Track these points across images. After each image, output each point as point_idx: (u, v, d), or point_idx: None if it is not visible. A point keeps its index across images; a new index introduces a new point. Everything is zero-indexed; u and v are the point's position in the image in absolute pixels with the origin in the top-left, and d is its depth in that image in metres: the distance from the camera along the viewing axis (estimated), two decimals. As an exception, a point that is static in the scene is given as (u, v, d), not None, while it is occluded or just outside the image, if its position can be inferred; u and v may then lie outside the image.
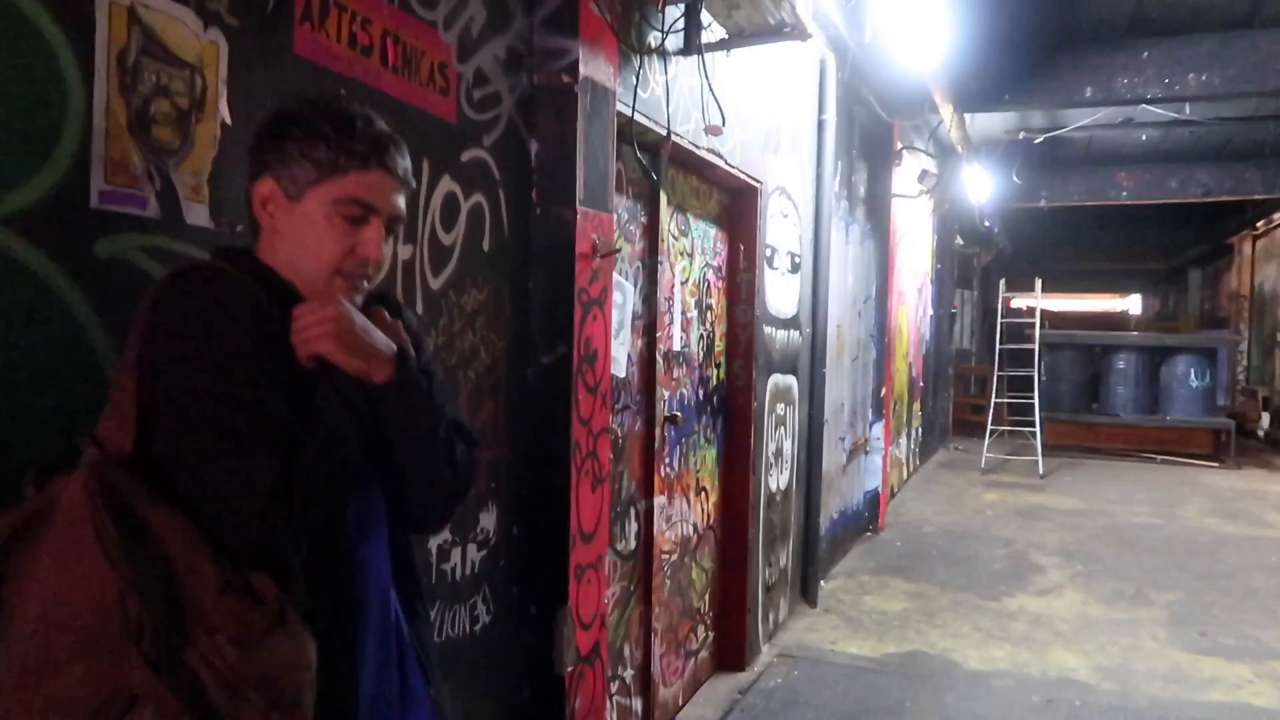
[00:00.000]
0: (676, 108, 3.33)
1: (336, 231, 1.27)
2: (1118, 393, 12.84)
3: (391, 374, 1.28)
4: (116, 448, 1.16)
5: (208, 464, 1.14)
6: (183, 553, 1.11)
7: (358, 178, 1.27)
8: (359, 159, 1.27)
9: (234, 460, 1.13)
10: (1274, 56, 6.63)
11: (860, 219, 6.76)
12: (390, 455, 1.35)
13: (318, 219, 1.27)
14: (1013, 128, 9.67)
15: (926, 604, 5.58)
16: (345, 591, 1.28)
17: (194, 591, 1.10)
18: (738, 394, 4.47)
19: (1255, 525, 8.11)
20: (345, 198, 1.27)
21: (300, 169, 1.26)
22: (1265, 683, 4.45)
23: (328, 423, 1.21)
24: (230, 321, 1.18)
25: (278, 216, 1.29)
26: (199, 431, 1.14)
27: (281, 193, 1.28)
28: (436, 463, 1.38)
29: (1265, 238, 15.40)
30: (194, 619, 1.10)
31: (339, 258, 1.28)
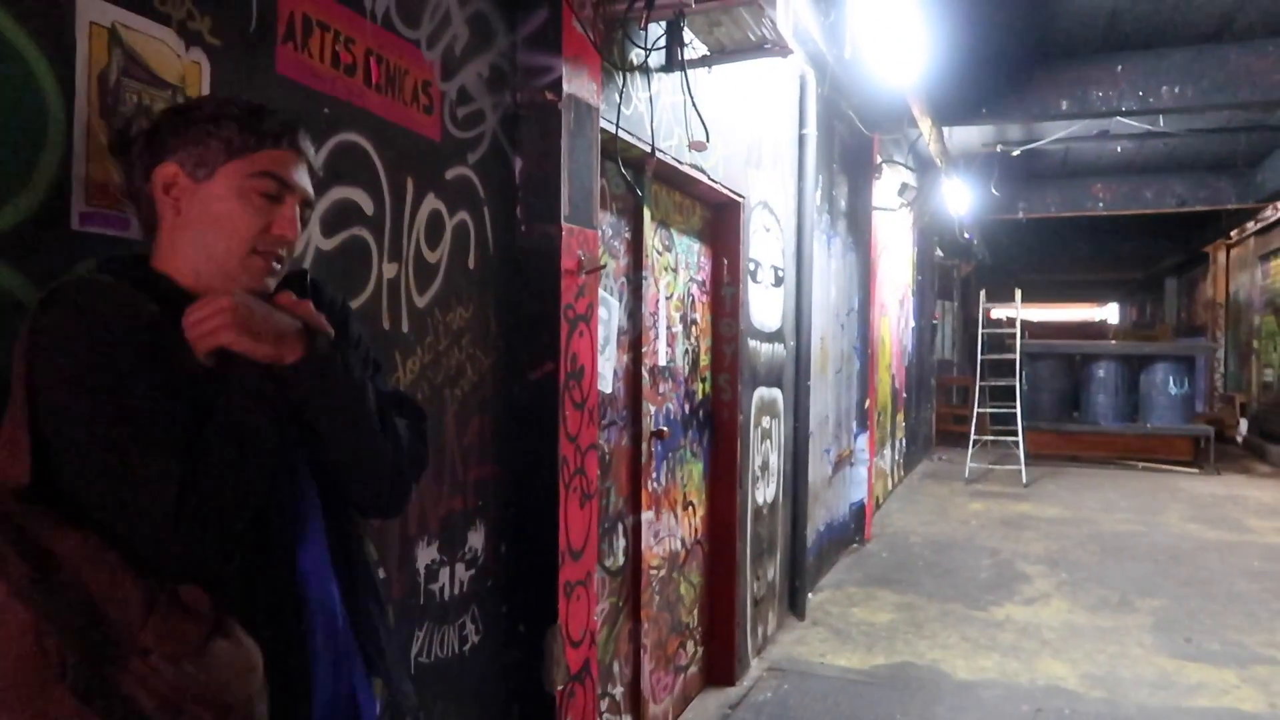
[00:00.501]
0: (659, 124, 3.35)
1: (253, 207, 1.24)
2: (1098, 401, 12.95)
3: (302, 353, 1.23)
4: (11, 479, 1.11)
5: (109, 481, 1.10)
6: (100, 577, 1.07)
7: (271, 154, 1.26)
8: (271, 138, 1.26)
9: (135, 472, 1.09)
10: (1244, 70, 6.74)
11: (842, 232, 6.79)
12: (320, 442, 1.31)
13: (231, 196, 1.24)
14: (990, 141, 9.76)
15: (914, 615, 5.58)
16: (285, 594, 1.24)
17: (120, 614, 1.07)
18: (723, 408, 4.48)
19: (1236, 531, 8.17)
20: (261, 171, 1.25)
21: (209, 149, 1.24)
22: (1251, 688, 4.47)
23: (231, 417, 1.16)
24: (109, 334, 1.13)
25: (182, 200, 1.25)
26: (96, 449, 1.10)
27: (187, 175, 1.24)
28: (369, 438, 1.32)
29: (1239, 247, 15.60)
30: (125, 642, 1.06)
31: (256, 234, 1.24)
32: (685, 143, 3.56)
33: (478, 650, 2.43)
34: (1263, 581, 6.42)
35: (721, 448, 4.49)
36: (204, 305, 1.18)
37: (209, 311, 1.17)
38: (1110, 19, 6.28)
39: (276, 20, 1.76)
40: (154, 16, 1.52)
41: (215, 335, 1.17)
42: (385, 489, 1.40)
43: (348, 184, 1.96)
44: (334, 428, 1.30)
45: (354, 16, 1.97)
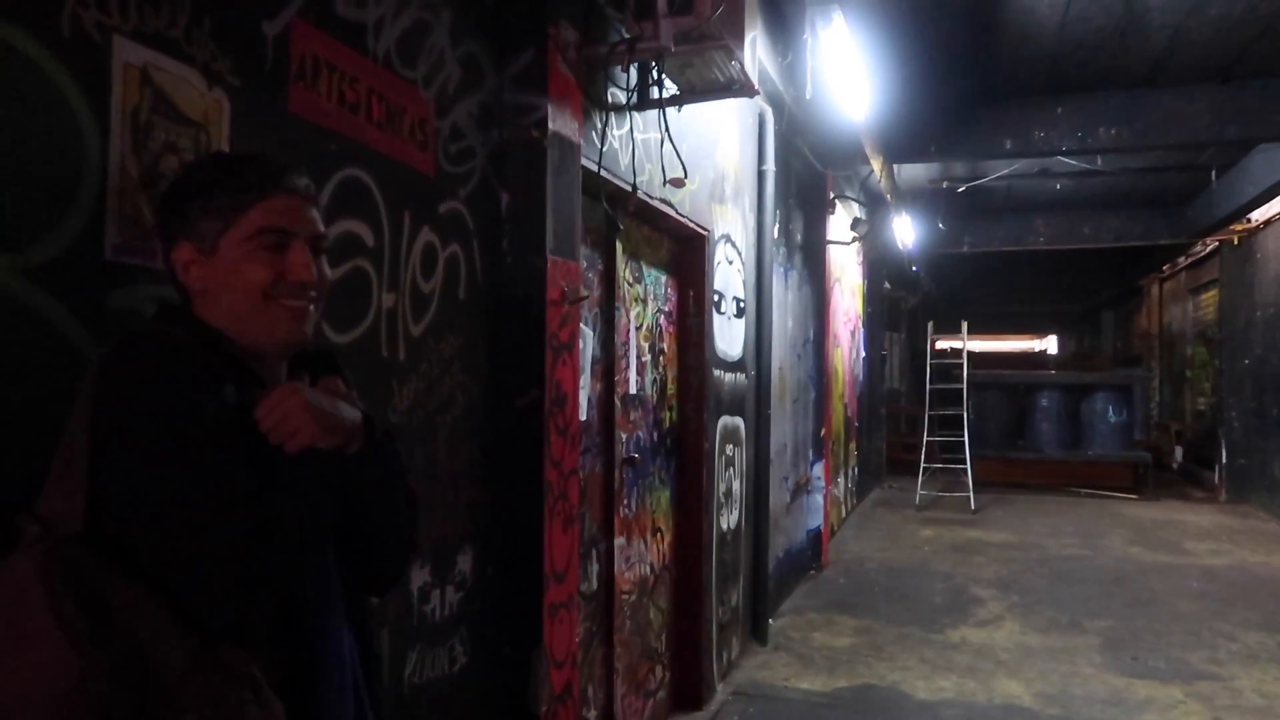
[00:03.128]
0: (632, 160, 3.47)
1: (261, 261, 1.26)
2: (1042, 429, 13.32)
3: (364, 443, 1.28)
4: (67, 524, 1.11)
5: (178, 535, 1.09)
6: (149, 630, 1.07)
7: (262, 209, 1.26)
8: (256, 190, 1.27)
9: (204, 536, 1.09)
10: (1175, 113, 7.11)
11: (798, 265, 6.98)
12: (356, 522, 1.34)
13: (239, 259, 1.26)
14: (937, 177, 10.10)
15: (873, 638, 5.70)
16: (304, 662, 1.24)
17: (162, 670, 1.06)
18: (690, 436, 4.58)
19: (1175, 554, 8.47)
20: (256, 230, 1.26)
21: (206, 224, 1.26)
22: (1195, 703, 4.66)
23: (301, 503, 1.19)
24: (187, 388, 1.14)
25: (203, 275, 1.27)
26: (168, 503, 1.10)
27: (198, 251, 1.27)
28: (406, 522, 1.43)
29: (1171, 280, 16.22)
30: (162, 700, 1.05)
31: (266, 281, 1.26)
32: (657, 178, 3.69)
33: (466, 671, 2.48)
34: (1202, 601, 6.67)
35: (688, 475, 4.59)
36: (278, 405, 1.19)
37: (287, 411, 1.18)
38: (1051, 63, 6.60)
39: (289, 61, 1.85)
40: (181, 58, 1.59)
41: (300, 437, 1.18)
42: (400, 569, 1.51)
43: (351, 216, 2.04)
44: (383, 510, 1.37)
45: (358, 57, 2.05)
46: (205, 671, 1.08)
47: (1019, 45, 6.30)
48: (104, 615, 1.05)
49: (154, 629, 1.06)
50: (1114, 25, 5.91)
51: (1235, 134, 7.25)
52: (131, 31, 1.50)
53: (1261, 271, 11.03)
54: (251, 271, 1.26)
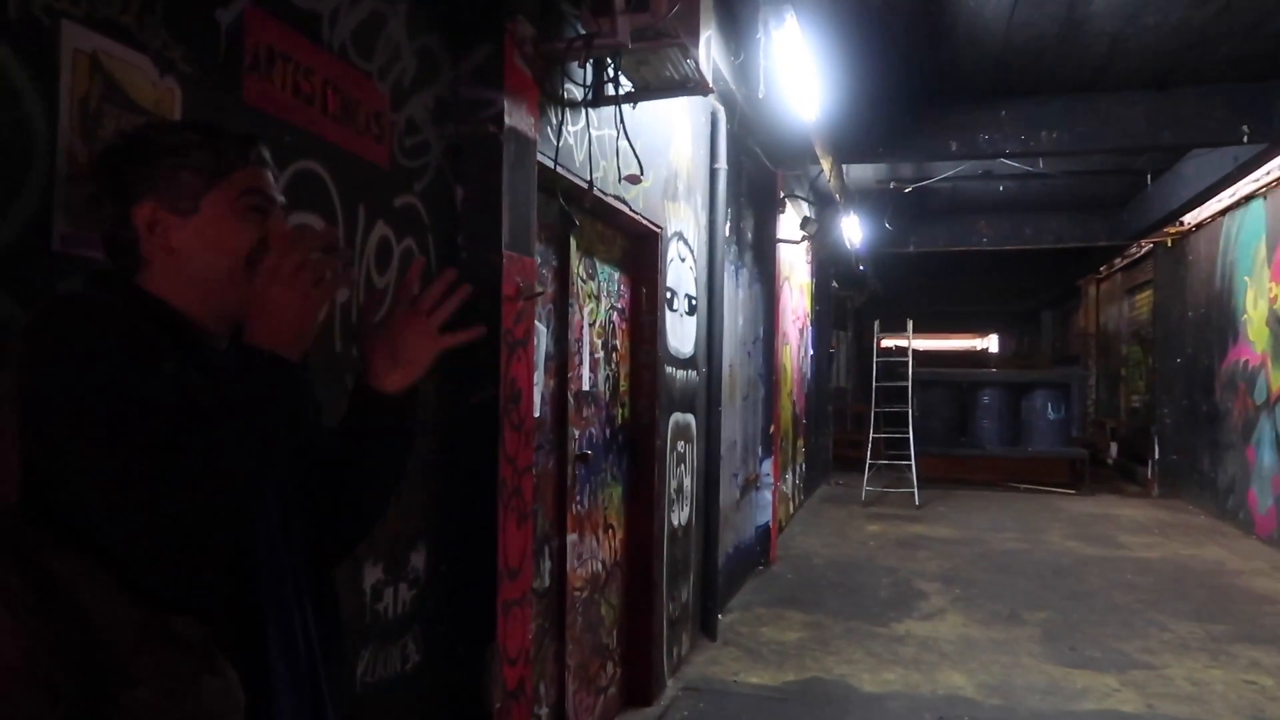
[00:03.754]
0: (587, 157, 3.47)
1: (249, 223, 1.24)
2: (984, 427, 13.61)
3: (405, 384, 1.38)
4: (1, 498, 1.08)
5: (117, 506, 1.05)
6: (95, 602, 1.03)
7: (245, 174, 1.25)
8: (241, 158, 1.26)
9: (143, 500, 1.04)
10: (1114, 117, 7.30)
11: (749, 263, 7.04)
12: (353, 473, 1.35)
13: (225, 218, 1.23)
14: (885, 178, 10.24)
15: (821, 633, 5.78)
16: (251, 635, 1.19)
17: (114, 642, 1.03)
18: (642, 432, 4.59)
19: (1111, 547, 8.72)
20: (246, 190, 1.24)
21: (184, 181, 1.22)
22: (1130, 691, 4.81)
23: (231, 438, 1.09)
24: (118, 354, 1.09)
25: (171, 236, 1.22)
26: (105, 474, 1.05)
27: (168, 212, 1.21)
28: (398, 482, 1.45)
29: (1107, 281, 16.67)
30: (117, 673, 1.02)
31: (251, 246, 1.22)
32: (611, 175, 3.69)
33: (419, 669, 2.47)
34: (1136, 593, 6.88)
35: (641, 471, 4.60)
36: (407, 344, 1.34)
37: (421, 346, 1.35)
38: (996, 68, 6.73)
39: (243, 50, 1.81)
40: (132, 44, 1.56)
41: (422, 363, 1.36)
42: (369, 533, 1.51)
43: (305, 209, 2.01)
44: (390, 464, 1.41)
45: (314, 48, 2.03)
46: (156, 642, 1.05)
47: (965, 49, 6.42)
48: (48, 588, 1.02)
49: (100, 601, 1.03)
50: (1056, 31, 6.05)
51: (1169, 139, 7.46)
52: (82, 16, 1.46)
53: (1193, 273, 11.38)
54: (240, 236, 1.23)
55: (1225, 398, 10.22)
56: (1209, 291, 10.77)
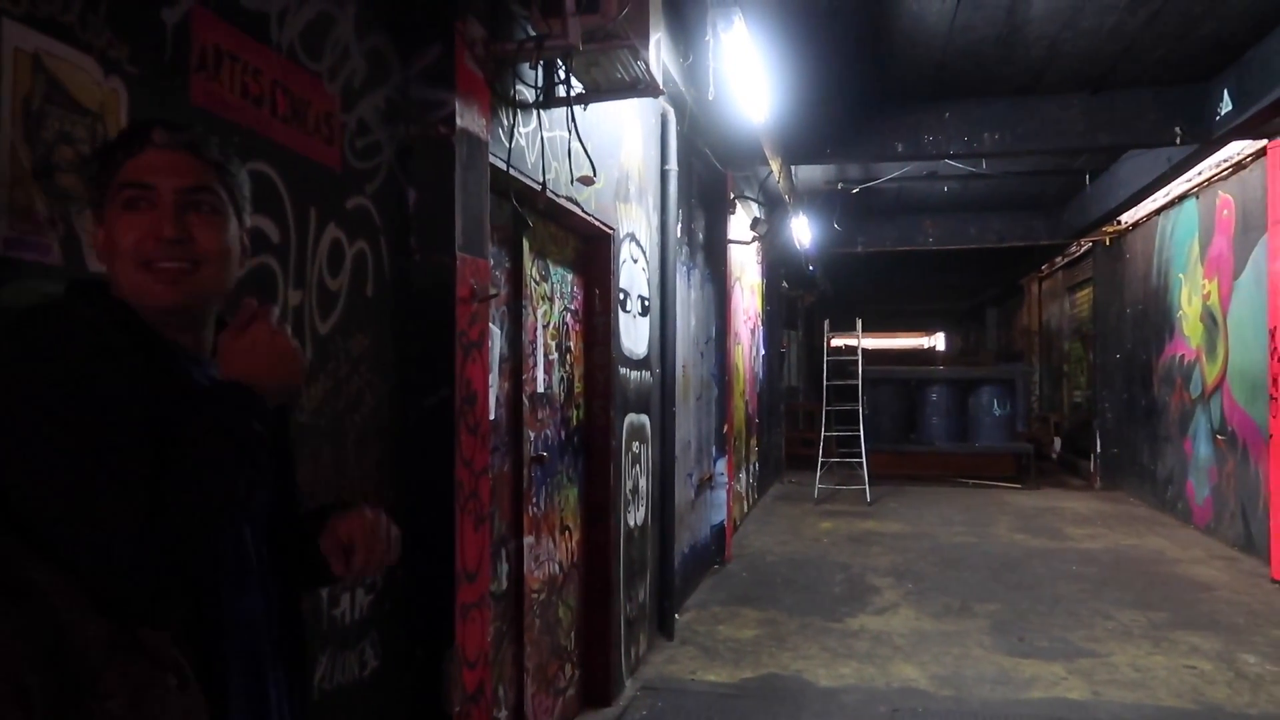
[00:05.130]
0: (539, 158, 3.47)
1: (125, 223, 1.20)
2: (932, 423, 13.84)
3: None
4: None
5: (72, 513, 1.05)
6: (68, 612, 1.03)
7: (130, 166, 1.22)
8: (122, 150, 1.23)
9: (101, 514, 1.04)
10: (1053, 119, 7.48)
11: (700, 264, 7.08)
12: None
13: (114, 218, 1.21)
14: (833, 179, 10.36)
15: (776, 629, 5.83)
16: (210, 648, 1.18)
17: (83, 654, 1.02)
18: (598, 434, 4.60)
19: (1056, 539, 8.92)
20: (121, 185, 1.21)
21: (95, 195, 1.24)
22: (1077, 679, 4.92)
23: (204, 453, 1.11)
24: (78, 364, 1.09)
25: (102, 246, 1.24)
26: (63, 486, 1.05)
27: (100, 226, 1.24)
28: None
29: (1049, 279, 17.05)
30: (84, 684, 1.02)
31: (133, 245, 1.20)
32: (563, 176, 3.69)
33: (377, 674, 2.45)
34: (1081, 583, 7.04)
35: (596, 473, 4.60)
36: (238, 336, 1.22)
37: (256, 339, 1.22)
38: (940, 70, 6.85)
39: (190, 51, 1.79)
40: (76, 44, 1.53)
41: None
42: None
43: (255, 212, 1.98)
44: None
45: (262, 49, 2.00)
46: (126, 656, 1.04)
47: (909, 52, 6.52)
48: (23, 594, 1.02)
49: (74, 611, 1.03)
50: (996, 35, 6.18)
51: (1106, 141, 7.66)
52: (23, 15, 1.43)
53: (1130, 270, 11.69)
54: (119, 237, 1.20)
55: (1163, 392, 10.51)
56: (1146, 288, 11.07)
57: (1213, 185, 8.84)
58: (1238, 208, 8.31)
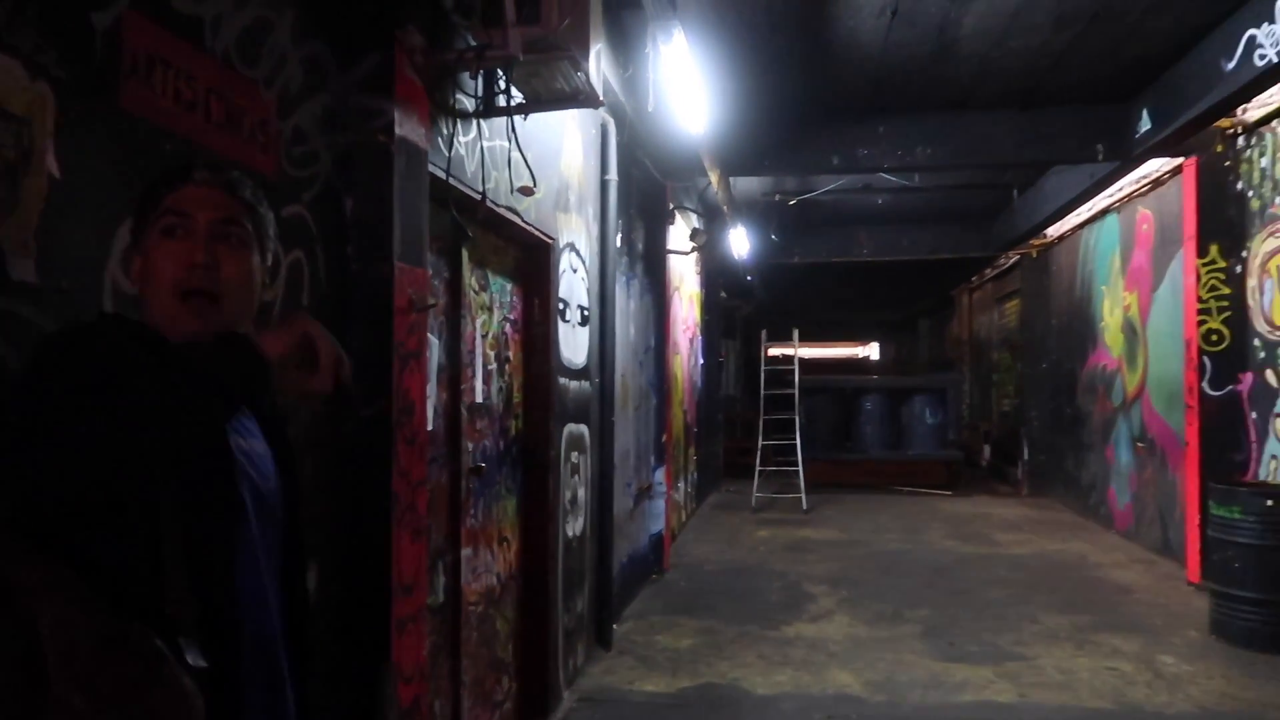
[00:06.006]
0: (478, 168, 3.46)
1: (164, 251, 1.30)
2: (866, 432, 14.09)
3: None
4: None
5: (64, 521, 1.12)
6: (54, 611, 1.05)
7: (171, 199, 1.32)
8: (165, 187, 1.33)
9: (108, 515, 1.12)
10: (984, 135, 7.69)
11: (640, 274, 7.11)
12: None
13: (153, 247, 1.31)
14: (770, 191, 10.50)
15: (714, 638, 5.87)
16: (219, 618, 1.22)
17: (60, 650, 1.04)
18: (536, 444, 4.58)
19: (986, 545, 9.13)
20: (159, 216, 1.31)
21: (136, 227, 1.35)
22: (1005, 682, 5.05)
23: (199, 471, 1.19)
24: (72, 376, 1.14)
25: (140, 274, 1.33)
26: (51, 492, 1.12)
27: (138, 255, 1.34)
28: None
29: (979, 291, 17.49)
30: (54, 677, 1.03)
31: (170, 274, 1.29)
32: (503, 186, 3.68)
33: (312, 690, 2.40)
34: (1010, 588, 7.23)
35: (535, 483, 4.58)
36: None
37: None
38: (874, 86, 7.00)
39: (121, 55, 1.75)
40: (1, 48, 1.48)
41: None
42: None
43: (187, 220, 1.94)
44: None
45: (196, 54, 1.96)
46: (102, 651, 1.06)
47: (845, 68, 6.65)
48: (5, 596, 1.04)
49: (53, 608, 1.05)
50: (928, 52, 6.34)
51: (1033, 156, 7.91)
52: (-56, 17, 1.38)
53: (1056, 283, 12.06)
54: (157, 265, 1.29)
55: (1086, 400, 10.85)
56: (1070, 300, 11.43)
57: (1133, 201, 9.17)
58: (1156, 223, 8.63)
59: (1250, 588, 5.60)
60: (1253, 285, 6.96)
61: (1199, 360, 7.30)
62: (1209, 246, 7.30)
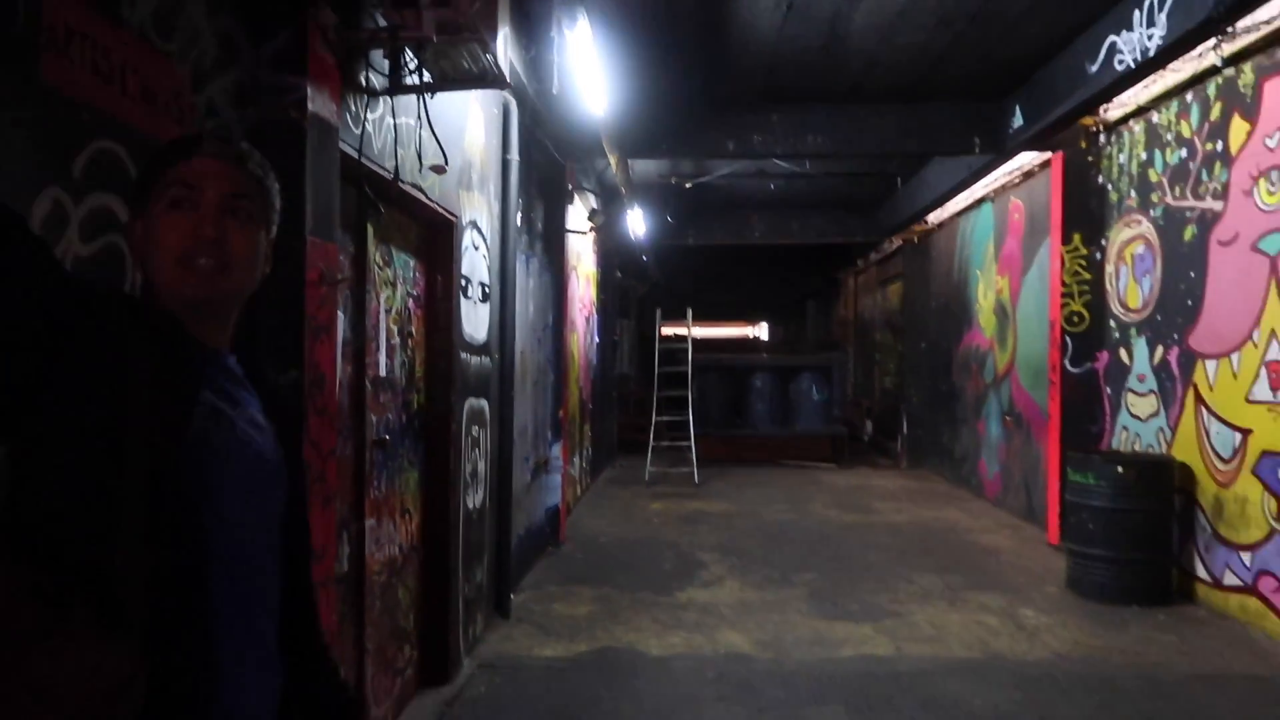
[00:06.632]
0: (387, 146, 3.51)
1: (168, 221, 1.27)
2: (756, 408, 14.51)
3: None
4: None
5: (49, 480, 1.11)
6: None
7: (180, 169, 1.30)
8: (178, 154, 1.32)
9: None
10: (870, 126, 8.06)
11: (539, 253, 7.20)
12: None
13: (154, 218, 1.29)
14: (667, 174, 10.70)
15: (610, 606, 6.06)
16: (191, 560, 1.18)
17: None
18: (438, 418, 4.65)
19: (866, 514, 9.61)
20: (168, 185, 1.29)
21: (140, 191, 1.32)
22: (883, 638, 5.40)
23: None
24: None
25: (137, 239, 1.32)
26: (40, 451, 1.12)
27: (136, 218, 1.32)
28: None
29: (864, 274, 18.16)
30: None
31: (177, 245, 1.27)
32: (409, 163, 3.74)
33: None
34: (887, 553, 7.66)
35: (437, 456, 4.66)
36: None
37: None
38: (769, 75, 7.25)
39: (41, 27, 1.77)
40: (-74, 19, 1.51)
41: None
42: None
43: (105, 190, 1.98)
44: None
45: (113, 28, 1.99)
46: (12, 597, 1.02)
47: (741, 57, 6.87)
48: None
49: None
50: (819, 45, 6.62)
51: (915, 147, 8.34)
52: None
53: (935, 267, 12.67)
54: (162, 233, 1.28)
55: (961, 378, 11.48)
56: (948, 283, 12.03)
57: (1006, 191, 9.74)
58: (1026, 212, 9.20)
59: (1102, 546, 6.12)
60: (1110, 271, 7.53)
61: (1062, 340, 7.86)
62: (1073, 235, 7.84)
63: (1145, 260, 6.95)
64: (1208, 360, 6.14)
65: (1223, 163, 5.98)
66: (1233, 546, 5.81)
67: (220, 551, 1.24)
